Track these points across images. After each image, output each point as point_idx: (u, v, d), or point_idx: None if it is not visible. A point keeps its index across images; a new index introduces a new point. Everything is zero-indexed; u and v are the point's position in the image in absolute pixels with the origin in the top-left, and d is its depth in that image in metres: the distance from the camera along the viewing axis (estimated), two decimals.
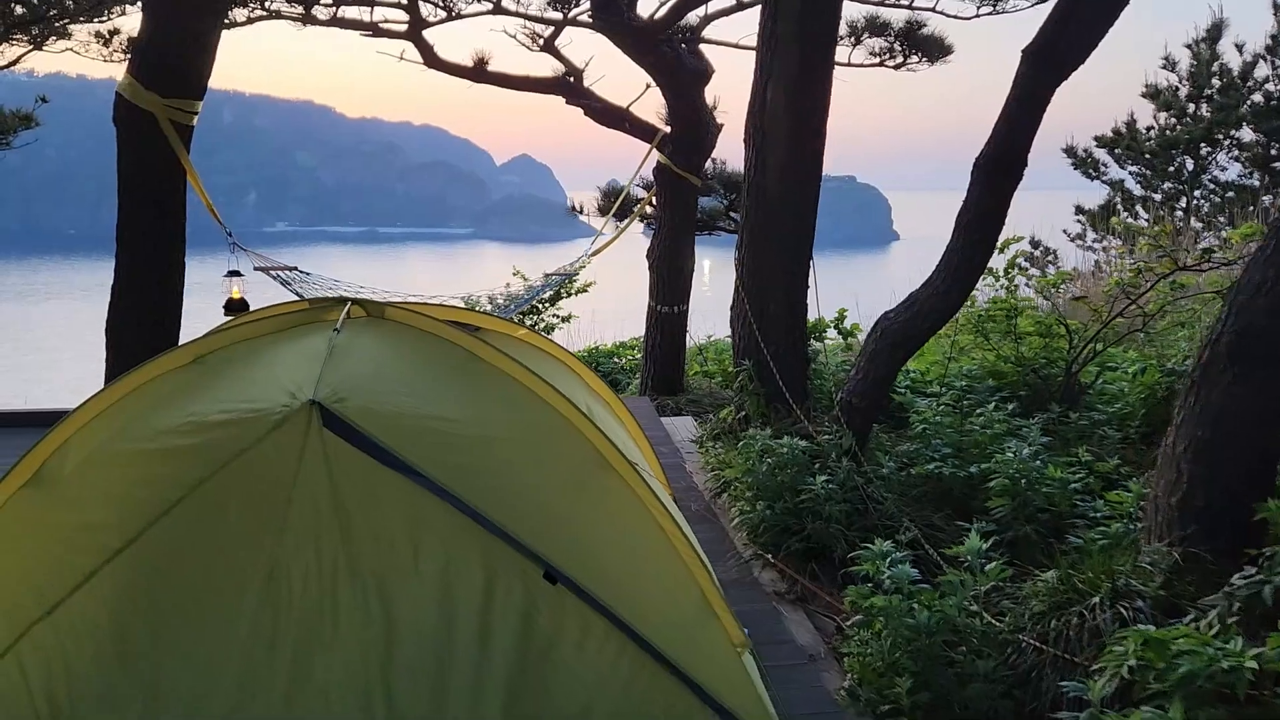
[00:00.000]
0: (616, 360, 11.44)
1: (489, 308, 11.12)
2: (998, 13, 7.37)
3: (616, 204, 8.29)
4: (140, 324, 5.01)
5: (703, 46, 8.22)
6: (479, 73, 8.52)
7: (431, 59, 8.48)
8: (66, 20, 9.72)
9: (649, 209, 8.55)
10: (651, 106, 9.11)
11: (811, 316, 6.45)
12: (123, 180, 4.94)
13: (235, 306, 5.32)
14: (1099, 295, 6.44)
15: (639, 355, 11.48)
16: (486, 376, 2.93)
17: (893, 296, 5.80)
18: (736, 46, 8.36)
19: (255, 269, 5.56)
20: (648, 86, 8.37)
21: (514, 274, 11.66)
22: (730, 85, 8.25)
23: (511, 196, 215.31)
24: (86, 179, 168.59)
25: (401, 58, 8.53)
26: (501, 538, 2.56)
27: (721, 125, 8.19)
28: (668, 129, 8.41)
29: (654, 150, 8.21)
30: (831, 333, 7.57)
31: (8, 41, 9.59)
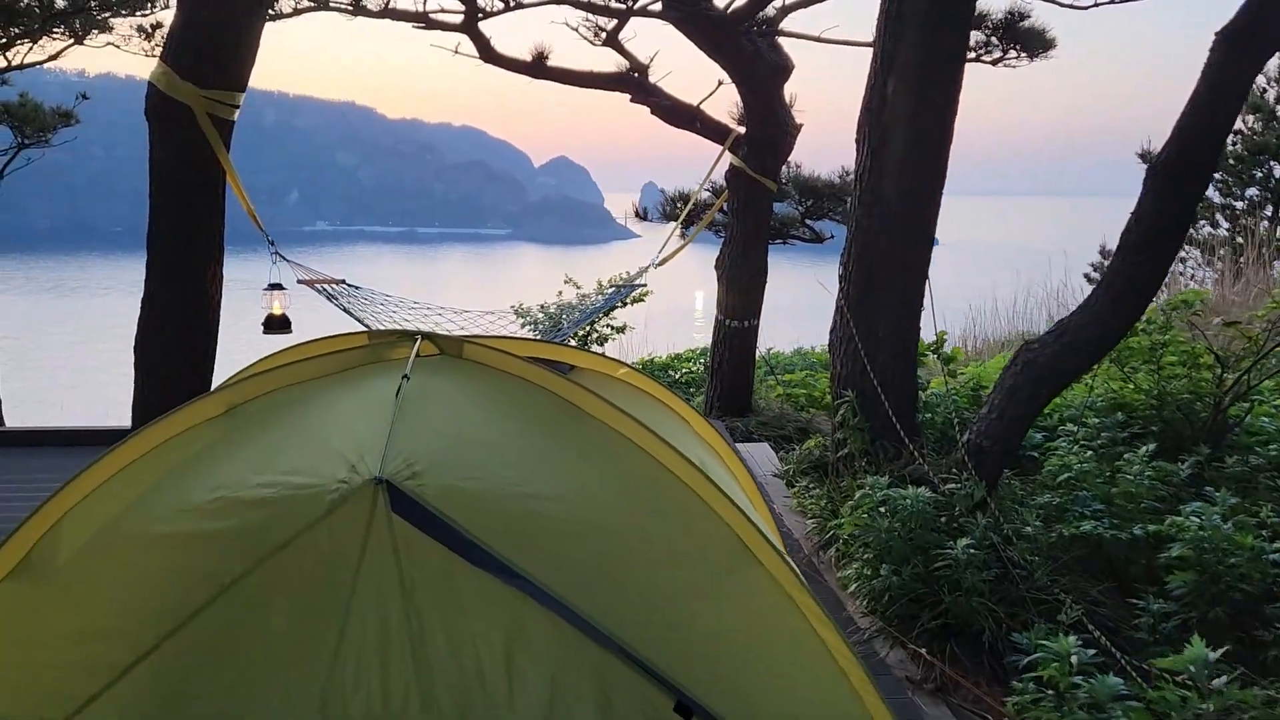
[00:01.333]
0: (672, 373, 10.82)
1: (546, 322, 10.56)
2: (1118, 1, 6.64)
3: (685, 211, 7.66)
4: (172, 342, 4.47)
5: (781, 40, 7.59)
6: (538, 67, 7.94)
7: (488, 53, 7.91)
8: (108, 13, 9.31)
9: (719, 215, 7.92)
10: (723, 105, 8.50)
11: None
12: (155, 180, 4.41)
13: (276, 324, 4.77)
14: (1234, 316, 5.70)
15: (696, 368, 10.87)
16: (593, 436, 2.31)
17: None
18: (818, 40, 7.72)
19: (299, 282, 5.01)
20: (720, 83, 7.75)
21: (565, 281, 11.09)
22: (808, 81, 7.61)
23: (549, 198, 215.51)
24: (132, 177, 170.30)
25: (456, 51, 7.97)
26: (621, 656, 1.95)
27: (800, 125, 7.54)
28: (741, 129, 7.79)
29: (726, 152, 7.58)
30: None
31: (48, 35, 9.20)
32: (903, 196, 4.35)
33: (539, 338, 7.46)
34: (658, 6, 7.48)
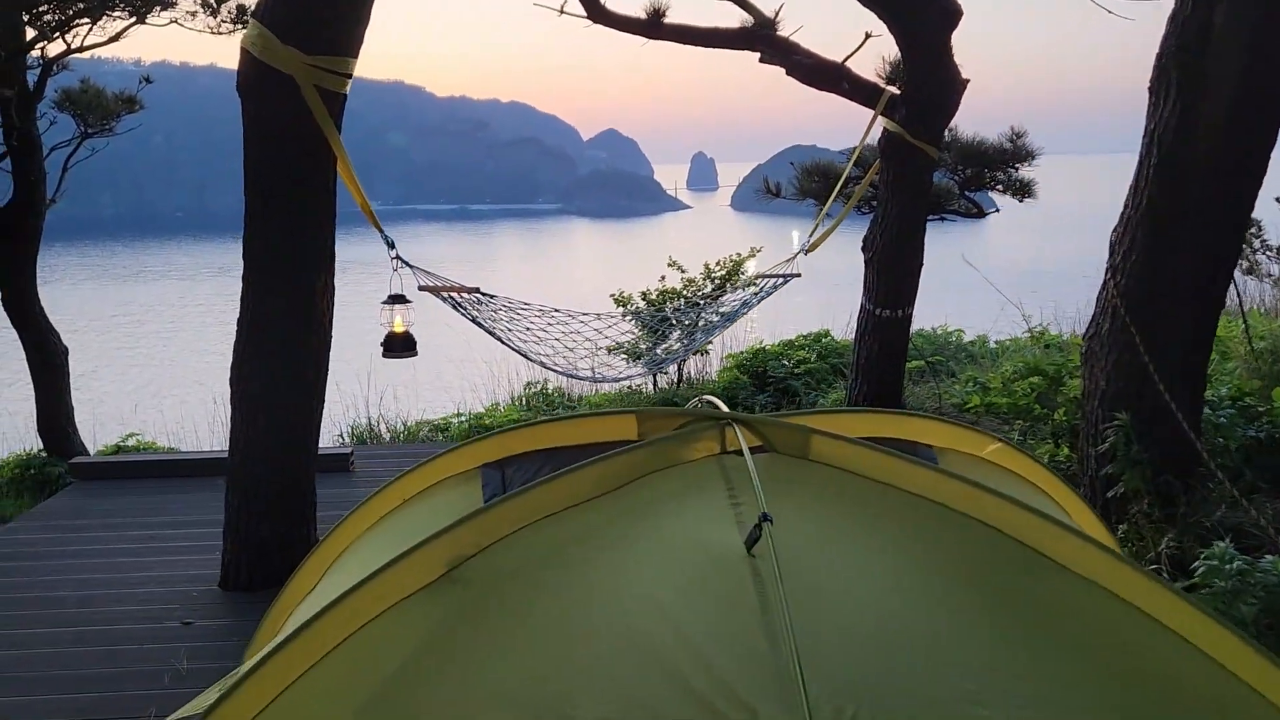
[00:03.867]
0: (784, 362, 9.81)
1: (650, 313, 9.60)
2: None
3: (838, 188, 6.61)
4: (274, 371, 3.61)
5: None
6: (653, 26, 6.92)
7: (597, 11, 6.91)
8: None
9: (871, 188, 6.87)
10: (868, 61, 7.42)
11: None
12: (251, 170, 3.52)
13: (398, 345, 3.88)
14: None
15: (810, 357, 9.84)
16: (1052, 595, 1.34)
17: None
18: None
19: (421, 289, 4.11)
20: (868, 36, 6.66)
21: (669, 264, 10.12)
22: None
23: (598, 171, 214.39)
24: (191, 165, 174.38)
25: (562, 11, 6.99)
26: None
27: (967, 80, 6.43)
28: (894, 89, 6.70)
29: (878, 116, 6.51)
30: None
31: (108, 13, 8.45)
32: (1219, 165, 3.28)
33: (682, 345, 6.49)
34: None
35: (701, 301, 9.71)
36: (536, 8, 7.07)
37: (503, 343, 4.55)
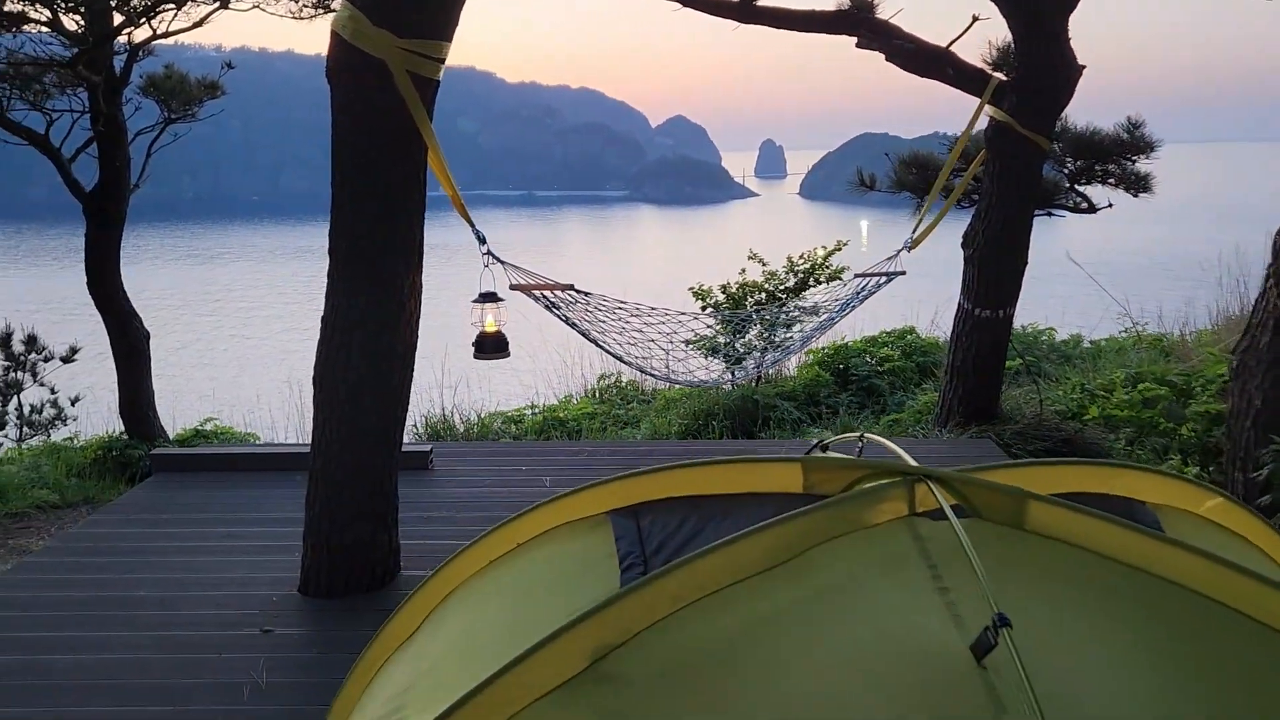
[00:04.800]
0: (868, 359, 9.44)
1: (730, 309, 9.30)
2: None
3: (939, 183, 6.24)
4: (360, 374, 3.44)
5: None
6: (746, 9, 6.63)
7: None
8: None
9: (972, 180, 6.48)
10: (973, 45, 7.02)
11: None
12: (338, 162, 3.35)
13: (489, 345, 3.69)
14: None
15: (894, 354, 9.46)
16: None
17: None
18: None
19: (512, 288, 3.91)
20: (975, 19, 6.28)
21: (750, 257, 9.81)
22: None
23: (666, 158, 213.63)
24: (268, 149, 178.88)
25: None
26: None
27: (1084, 67, 6.01)
28: (1001, 75, 6.31)
29: (985, 104, 6.13)
30: None
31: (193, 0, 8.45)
32: None
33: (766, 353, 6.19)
34: None
35: (783, 295, 9.39)
36: None
37: (596, 344, 4.34)
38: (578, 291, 4.12)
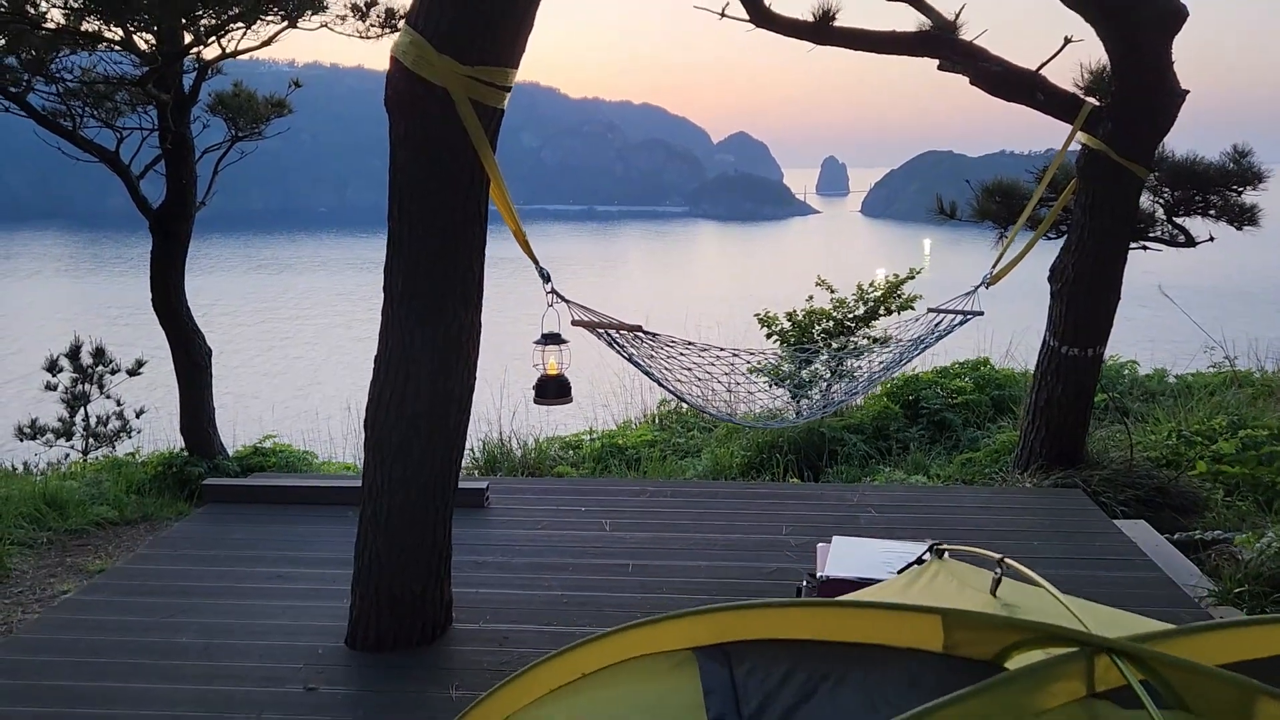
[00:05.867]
0: (939, 392, 9.03)
1: (796, 336, 9.01)
2: None
3: (1025, 213, 5.89)
4: (414, 417, 3.24)
5: None
6: (822, 30, 6.35)
7: (760, 14, 6.39)
8: None
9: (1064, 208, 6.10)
10: (1066, 70, 6.64)
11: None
12: (395, 195, 3.16)
13: (551, 390, 3.47)
14: None
15: (966, 386, 9.05)
16: None
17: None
18: None
19: (574, 324, 3.69)
20: (1067, 40, 5.92)
21: (818, 284, 9.49)
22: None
23: (726, 175, 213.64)
24: (335, 162, 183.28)
25: (723, 15, 6.50)
26: None
27: (1186, 91, 5.62)
28: (1095, 101, 5.94)
29: (1077, 130, 5.77)
30: None
31: (261, 19, 8.48)
32: None
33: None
34: None
35: (851, 324, 9.05)
36: (696, 10, 6.61)
37: (660, 384, 4.11)
38: (645, 333, 3.89)
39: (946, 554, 1.52)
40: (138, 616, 3.79)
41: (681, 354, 4.00)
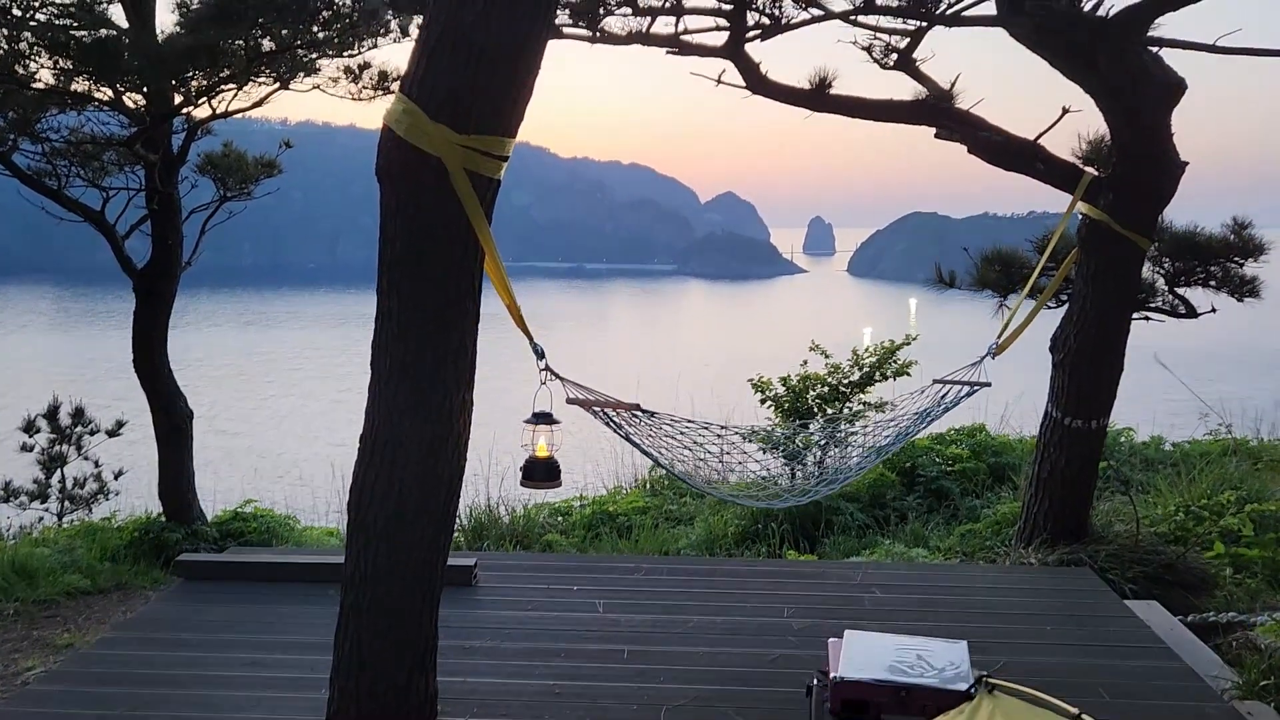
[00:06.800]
0: (935, 459, 8.87)
1: (791, 401, 8.88)
2: None
3: (1029, 283, 5.82)
4: (400, 502, 3.06)
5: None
6: (818, 97, 6.33)
7: (757, 81, 6.37)
8: (315, 54, 8.46)
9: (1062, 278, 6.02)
10: (1063, 139, 6.61)
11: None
12: (386, 265, 3.01)
13: (539, 473, 3.31)
14: None
15: (963, 453, 8.90)
16: None
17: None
18: (1210, 49, 5.73)
19: (569, 402, 3.53)
20: (1065, 111, 5.90)
21: (812, 349, 9.39)
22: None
23: (714, 234, 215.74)
24: (327, 219, 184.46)
25: (720, 81, 6.48)
26: None
27: (1186, 164, 5.58)
28: (1094, 170, 5.91)
29: (1078, 200, 5.71)
30: None
31: (253, 80, 8.44)
32: None
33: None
34: (983, 11, 5.76)
35: (846, 389, 8.93)
36: (692, 76, 6.61)
37: (659, 464, 3.95)
38: (642, 410, 3.73)
39: (997, 692, 1.36)
40: (97, 710, 3.54)
41: (682, 433, 3.85)
